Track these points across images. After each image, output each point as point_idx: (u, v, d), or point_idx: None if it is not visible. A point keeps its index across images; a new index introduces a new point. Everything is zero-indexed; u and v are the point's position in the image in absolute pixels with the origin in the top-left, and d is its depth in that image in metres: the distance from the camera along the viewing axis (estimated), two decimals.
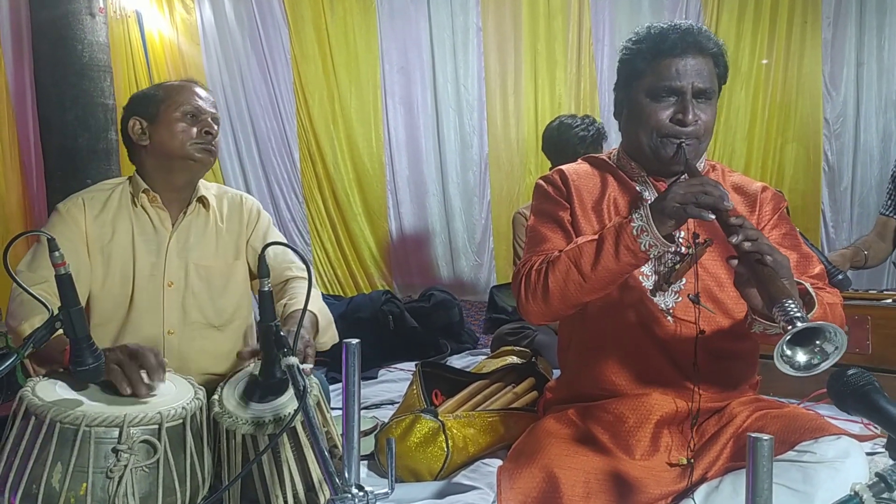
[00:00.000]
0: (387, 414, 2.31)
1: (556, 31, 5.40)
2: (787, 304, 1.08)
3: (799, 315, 1.07)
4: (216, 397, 1.44)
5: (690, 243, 1.49)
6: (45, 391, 1.33)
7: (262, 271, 1.36)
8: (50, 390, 1.34)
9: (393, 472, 1.12)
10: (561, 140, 2.97)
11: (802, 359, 1.07)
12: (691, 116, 1.48)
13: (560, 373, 1.82)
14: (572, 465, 1.40)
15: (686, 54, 1.48)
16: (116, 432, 1.26)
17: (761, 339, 1.37)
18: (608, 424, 1.53)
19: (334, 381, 2.57)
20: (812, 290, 1.32)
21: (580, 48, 5.38)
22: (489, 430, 1.96)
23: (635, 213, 1.38)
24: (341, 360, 1.13)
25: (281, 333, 1.33)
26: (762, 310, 1.22)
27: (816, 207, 5.36)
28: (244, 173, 5.41)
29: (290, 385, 1.32)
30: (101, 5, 3.89)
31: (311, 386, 1.40)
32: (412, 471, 1.84)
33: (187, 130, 1.74)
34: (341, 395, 1.16)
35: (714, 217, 1.28)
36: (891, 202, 2.71)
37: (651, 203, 1.38)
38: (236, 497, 1.39)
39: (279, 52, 5.38)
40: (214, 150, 1.79)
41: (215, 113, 1.81)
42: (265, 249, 1.37)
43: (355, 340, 1.15)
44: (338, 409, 1.26)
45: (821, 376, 1.09)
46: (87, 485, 1.23)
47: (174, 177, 1.78)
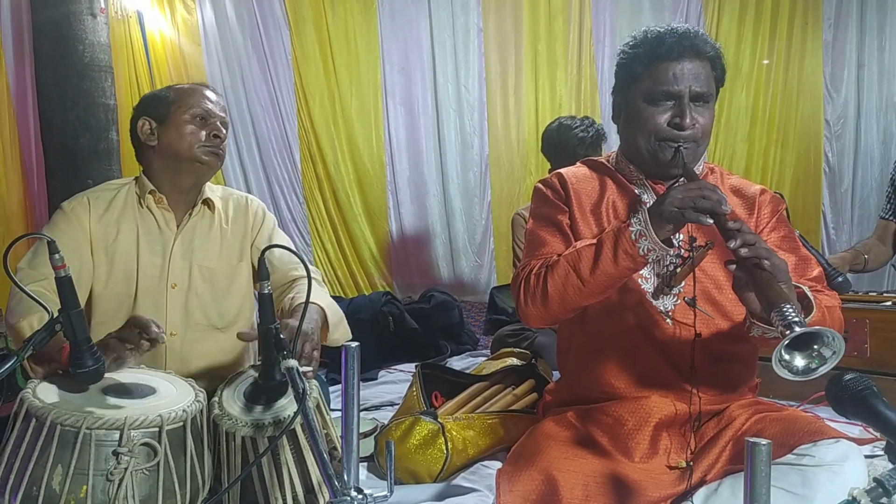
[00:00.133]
0: (386, 415, 2.31)
1: (557, 32, 5.40)
2: (784, 309, 1.08)
3: (797, 320, 1.07)
4: (216, 399, 1.44)
5: (690, 247, 1.49)
6: (46, 393, 1.33)
7: (262, 274, 1.36)
8: (50, 392, 1.34)
9: (392, 474, 1.12)
10: (560, 141, 2.96)
11: (800, 363, 1.08)
12: (689, 120, 1.48)
13: (560, 375, 1.82)
14: (571, 468, 1.40)
15: (683, 58, 1.49)
16: (117, 435, 1.26)
17: (760, 343, 1.37)
18: (607, 427, 1.53)
19: (334, 383, 2.57)
20: (810, 293, 1.32)
21: (581, 49, 5.38)
22: (489, 432, 1.95)
23: (633, 217, 1.38)
24: (341, 361, 1.13)
25: (281, 336, 1.33)
26: (760, 314, 1.22)
27: (817, 209, 5.36)
28: (245, 173, 5.42)
29: (290, 387, 1.32)
30: (103, 5, 3.89)
31: (311, 388, 1.40)
32: (411, 473, 1.84)
33: (196, 133, 1.74)
34: (341, 397, 1.16)
35: (712, 221, 1.28)
36: (890, 206, 2.71)
37: (649, 207, 1.38)
38: (236, 499, 1.39)
39: (280, 53, 5.38)
40: (222, 153, 1.79)
41: (224, 117, 1.81)
42: (264, 253, 1.37)
43: (355, 343, 1.15)
44: (337, 411, 1.26)
45: (820, 378, 1.09)
46: (87, 487, 1.23)
47: (181, 178, 1.78)
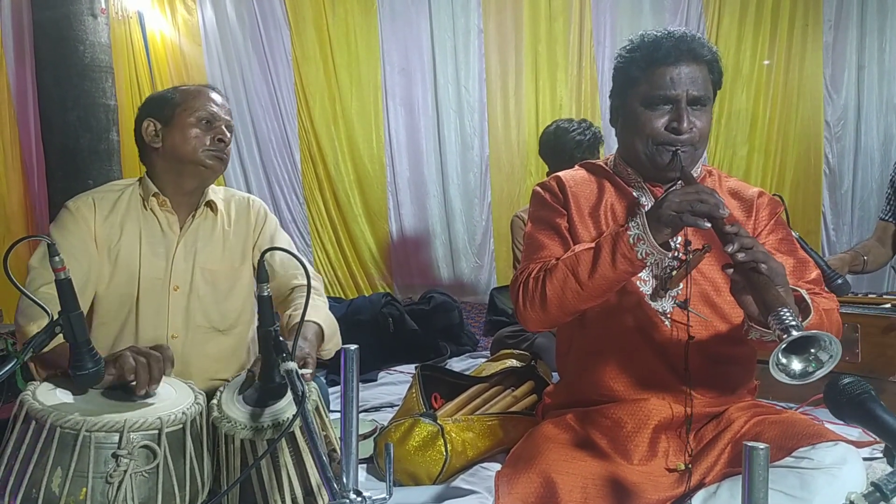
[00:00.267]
0: (386, 417, 2.32)
1: (558, 33, 5.40)
2: (782, 313, 1.08)
3: (794, 324, 1.07)
4: (215, 401, 1.44)
5: (685, 250, 1.50)
6: (46, 395, 1.34)
7: (261, 276, 1.36)
8: (50, 395, 1.35)
9: (391, 477, 1.12)
10: (558, 144, 2.97)
11: (798, 367, 1.08)
12: (686, 124, 1.49)
13: (559, 377, 1.82)
14: (570, 471, 1.40)
15: (680, 62, 1.49)
16: (116, 437, 1.26)
17: (758, 346, 1.37)
18: (606, 429, 1.53)
19: (334, 384, 2.57)
20: (808, 296, 1.32)
21: (581, 50, 5.38)
22: (488, 433, 1.96)
23: (632, 221, 1.39)
24: (340, 363, 1.14)
25: (280, 338, 1.33)
26: (758, 317, 1.22)
27: (817, 210, 5.36)
28: (245, 174, 5.43)
29: (289, 390, 1.32)
30: (103, 6, 3.90)
31: (310, 391, 1.40)
32: (411, 475, 1.84)
33: (200, 137, 1.74)
34: (340, 400, 1.16)
35: (710, 225, 1.28)
36: (890, 207, 2.71)
37: (647, 211, 1.38)
38: (235, 501, 1.39)
39: (280, 53, 5.39)
40: (226, 157, 1.79)
41: (229, 120, 1.80)
42: (264, 255, 1.37)
43: (354, 346, 1.15)
44: (337, 412, 1.26)
45: (819, 380, 1.09)
46: (86, 489, 1.24)
47: (184, 181, 1.77)
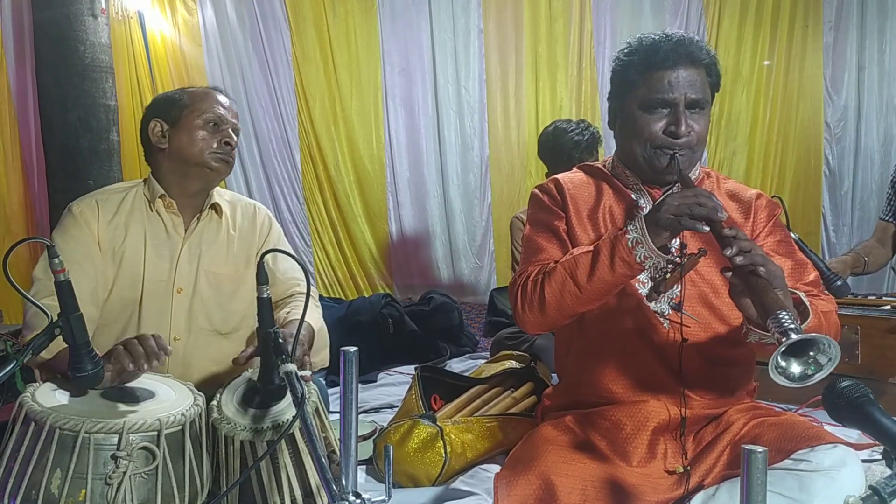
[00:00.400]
0: (386, 418, 2.32)
1: (558, 34, 5.40)
2: (780, 316, 1.08)
3: (792, 327, 1.07)
4: (215, 403, 1.45)
5: (681, 253, 1.49)
6: (45, 397, 1.34)
7: (261, 278, 1.36)
8: (49, 396, 1.35)
9: (390, 479, 1.12)
10: (556, 145, 2.97)
11: (797, 370, 1.08)
12: (684, 128, 1.48)
13: (558, 379, 1.82)
14: (569, 473, 1.40)
15: (678, 66, 1.49)
16: (115, 439, 1.26)
17: (757, 349, 1.37)
18: (606, 431, 1.53)
19: (333, 385, 2.57)
20: (806, 299, 1.32)
21: (581, 51, 5.38)
22: (487, 435, 1.96)
23: (630, 225, 1.39)
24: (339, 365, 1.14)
25: (280, 340, 1.33)
26: (757, 320, 1.22)
27: (817, 211, 5.36)
28: (245, 174, 5.43)
29: (289, 391, 1.32)
30: (103, 6, 3.91)
31: (310, 393, 1.41)
32: (410, 476, 1.84)
33: (207, 139, 1.74)
34: (339, 401, 1.16)
35: (708, 229, 1.28)
36: (890, 208, 2.71)
37: (646, 215, 1.38)
38: (235, 503, 1.39)
39: (280, 54, 5.39)
40: (232, 160, 1.79)
41: (236, 123, 1.80)
42: (263, 256, 1.37)
43: (353, 348, 1.15)
44: (337, 413, 1.26)
45: (819, 382, 1.09)
46: (86, 491, 1.24)
47: (189, 183, 1.77)
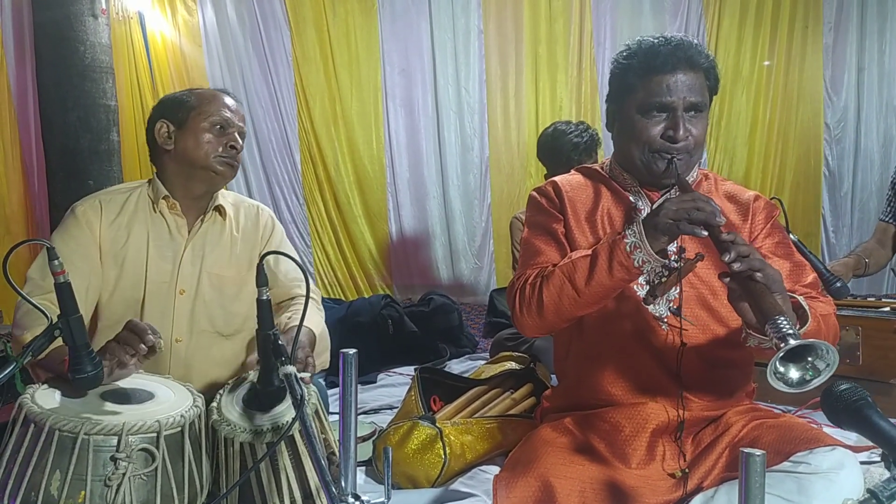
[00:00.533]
0: (385, 419, 2.32)
1: (558, 35, 5.41)
2: (778, 321, 1.08)
3: (791, 332, 1.07)
4: (215, 405, 1.45)
5: (678, 257, 1.49)
6: (45, 398, 1.34)
7: (261, 280, 1.36)
8: (49, 398, 1.35)
9: (389, 480, 1.12)
10: (555, 146, 2.97)
11: (795, 375, 1.08)
12: (682, 132, 1.48)
13: (557, 381, 1.82)
14: (568, 474, 1.40)
15: (677, 70, 1.48)
16: (115, 440, 1.26)
17: (756, 353, 1.37)
18: (604, 433, 1.53)
19: (333, 386, 2.57)
20: (805, 303, 1.32)
21: (581, 51, 5.39)
22: (487, 436, 1.96)
23: (628, 229, 1.38)
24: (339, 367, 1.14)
25: (279, 342, 1.33)
26: (756, 325, 1.22)
27: (817, 212, 5.37)
28: (245, 174, 5.43)
29: (289, 393, 1.32)
30: (104, 6, 3.91)
31: (309, 394, 1.41)
32: (410, 478, 1.84)
33: (213, 142, 1.73)
34: (339, 402, 1.16)
35: (707, 233, 1.28)
36: (890, 208, 2.72)
37: (644, 219, 1.38)
38: None
39: (280, 54, 5.39)
40: (237, 164, 1.79)
41: (242, 127, 1.80)
42: (263, 258, 1.37)
43: (352, 350, 1.15)
44: (336, 415, 1.26)
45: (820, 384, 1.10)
46: (85, 492, 1.24)
47: (193, 185, 1.77)
